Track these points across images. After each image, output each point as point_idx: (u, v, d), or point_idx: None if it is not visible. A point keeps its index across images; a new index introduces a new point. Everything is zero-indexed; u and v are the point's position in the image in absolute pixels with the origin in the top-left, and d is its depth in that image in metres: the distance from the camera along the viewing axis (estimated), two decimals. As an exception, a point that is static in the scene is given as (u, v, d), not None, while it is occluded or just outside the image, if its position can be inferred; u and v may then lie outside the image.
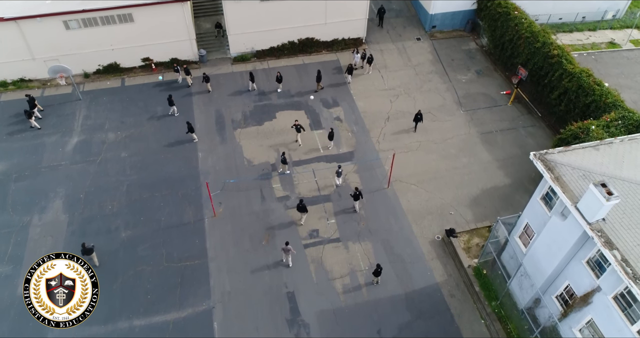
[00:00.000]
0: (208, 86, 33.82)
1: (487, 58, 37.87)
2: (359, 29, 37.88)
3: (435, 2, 37.88)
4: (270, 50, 37.08)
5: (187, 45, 35.30)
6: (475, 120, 32.76)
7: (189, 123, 29.81)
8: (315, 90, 34.06)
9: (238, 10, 34.08)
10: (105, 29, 32.90)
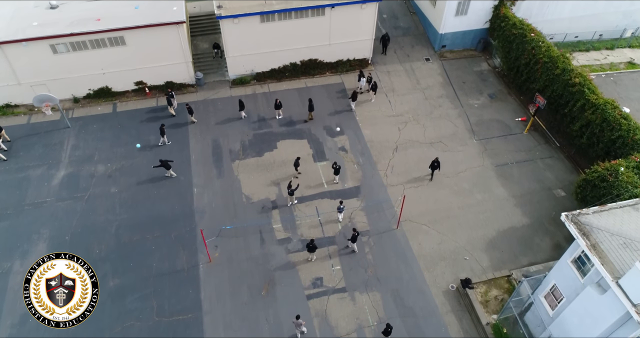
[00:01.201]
0: (191, 118, 31.51)
1: (500, 80, 35.78)
2: (365, 50, 35.83)
3: (446, 21, 35.80)
4: (270, 72, 35.04)
5: (182, 68, 33.28)
6: (490, 151, 30.68)
7: (162, 161, 27.61)
8: (305, 120, 31.97)
9: (237, 32, 32.06)
10: (96, 52, 30.91)
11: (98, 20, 30.18)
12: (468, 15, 35.70)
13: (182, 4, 31.68)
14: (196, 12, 38.48)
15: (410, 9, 40.72)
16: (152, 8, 31.23)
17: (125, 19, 30.30)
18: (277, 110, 32.18)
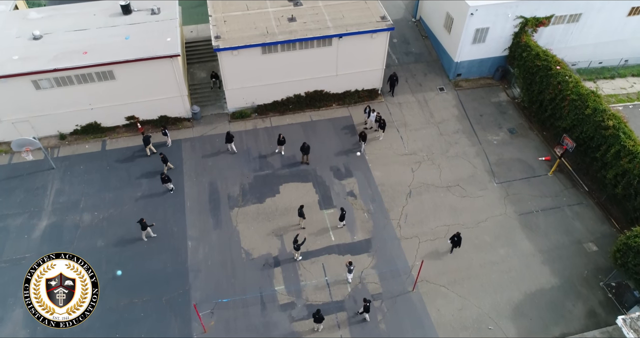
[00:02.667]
0: (167, 166, 28.62)
1: (520, 113, 33.13)
2: (374, 80, 33.21)
3: (462, 49, 33.15)
4: (273, 104, 32.45)
5: (177, 101, 30.71)
6: (512, 196, 28.06)
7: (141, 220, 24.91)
8: (301, 162, 29.38)
9: (236, 64, 29.49)
10: (82, 87, 28.37)
11: (85, 54, 27.66)
12: (486, 42, 33.07)
13: (176, 34, 29.10)
14: (193, 37, 35.92)
15: (423, 33, 38.09)
16: (144, 39, 28.67)
17: (114, 52, 27.76)
18: (279, 146, 29.65)
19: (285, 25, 29.81)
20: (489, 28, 32.15)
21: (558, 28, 33.33)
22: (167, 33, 29.11)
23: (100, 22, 30.00)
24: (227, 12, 30.82)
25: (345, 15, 30.56)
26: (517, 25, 32.41)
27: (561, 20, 32.89)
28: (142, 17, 30.35)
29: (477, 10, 30.86)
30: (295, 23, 29.97)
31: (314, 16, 30.50)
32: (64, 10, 31.37)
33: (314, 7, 31.27)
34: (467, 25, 31.59)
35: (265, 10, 31.05)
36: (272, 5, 31.44)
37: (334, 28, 29.62)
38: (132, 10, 30.75)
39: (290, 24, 29.91)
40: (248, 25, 29.80)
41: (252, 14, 30.73)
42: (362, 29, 29.63)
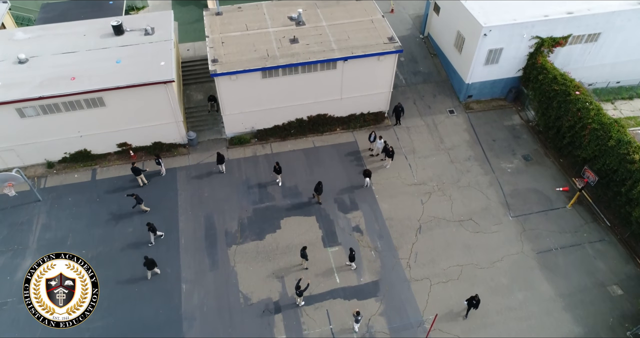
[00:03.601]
0: (142, 207, 26.36)
1: (535, 138, 31.28)
2: (381, 103, 31.41)
3: (474, 71, 31.33)
4: (273, 129, 30.66)
5: (172, 128, 28.93)
6: (529, 232, 26.25)
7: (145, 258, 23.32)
8: (315, 199, 27.33)
9: (235, 89, 27.73)
10: (71, 114, 26.61)
11: (72, 80, 25.90)
12: (499, 63, 31.24)
13: (171, 57, 27.32)
14: (190, 56, 34.19)
15: (431, 51, 36.26)
16: (136, 63, 26.90)
17: (104, 77, 26.00)
18: (277, 175, 27.87)
19: (286, 47, 28.02)
20: (503, 48, 30.33)
21: (575, 48, 31.50)
22: (161, 56, 27.33)
23: (91, 43, 28.24)
24: (225, 33, 29.05)
25: (351, 36, 28.77)
26: (532, 45, 30.59)
27: (579, 39, 31.05)
28: (135, 38, 28.58)
29: (490, 30, 29.05)
30: (297, 45, 28.18)
31: (318, 37, 28.71)
32: (53, 30, 29.58)
33: (317, 27, 29.49)
34: (479, 46, 29.78)
35: (266, 30, 29.28)
36: (273, 25, 29.67)
37: (339, 50, 27.83)
38: (125, 31, 29.00)
39: (292, 46, 28.12)
40: (247, 47, 28.03)
41: (252, 34, 28.96)
42: (369, 52, 27.83)
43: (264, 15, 30.52)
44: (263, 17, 30.36)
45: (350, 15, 30.36)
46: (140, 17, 30.72)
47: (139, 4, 38.55)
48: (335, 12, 30.77)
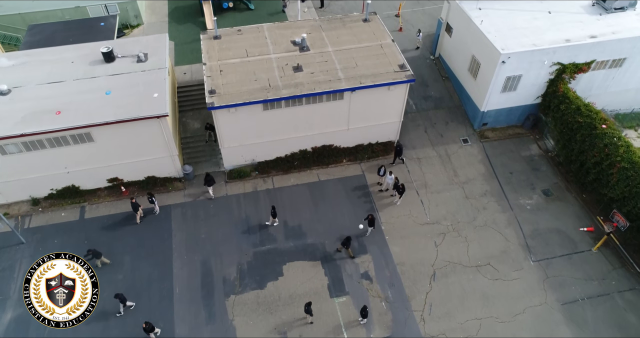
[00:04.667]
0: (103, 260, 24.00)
1: (555, 170, 29.22)
2: (390, 133, 29.39)
3: (490, 99, 29.27)
4: (275, 161, 28.64)
5: (167, 162, 26.92)
6: (552, 279, 24.22)
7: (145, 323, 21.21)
8: (351, 256, 25.00)
9: (234, 121, 25.72)
10: (56, 150, 24.62)
11: (58, 114, 23.90)
12: (517, 90, 29.19)
13: (165, 88, 25.29)
14: (186, 80, 32.18)
15: (443, 74, 34.20)
16: (127, 94, 24.88)
17: (92, 112, 23.99)
18: (272, 219, 25.82)
19: (290, 76, 25.99)
20: (522, 75, 28.28)
21: (598, 74, 29.45)
22: (155, 86, 25.31)
23: (79, 72, 26.24)
24: (224, 59, 27.01)
25: (359, 63, 26.73)
26: (553, 72, 28.54)
27: (603, 65, 29.00)
28: (127, 66, 26.57)
29: (509, 57, 27.00)
30: (301, 73, 26.15)
31: (323, 64, 26.68)
32: (40, 56, 27.55)
33: (322, 53, 27.46)
34: (497, 73, 27.73)
35: (268, 56, 27.25)
36: (276, 50, 27.64)
37: (346, 80, 25.79)
38: (115, 57, 26.98)
39: (295, 75, 26.09)
40: (247, 75, 26.01)
41: (252, 61, 26.92)
42: (378, 81, 25.79)
43: (266, 39, 28.50)
44: (264, 41, 28.34)
45: (357, 39, 28.33)
46: (132, 41, 28.67)
47: (134, 21, 36.53)
48: (341, 35, 28.74)
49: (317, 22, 30.02)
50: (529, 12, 30.55)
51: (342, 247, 24.51)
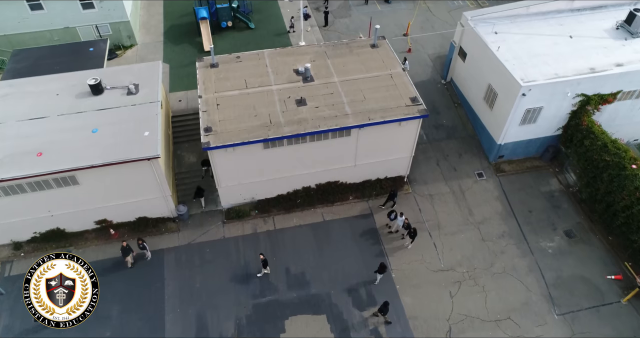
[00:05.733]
0: None
1: (577, 207, 27.18)
2: (400, 167, 27.36)
3: (508, 131, 27.21)
4: (277, 199, 26.62)
5: (159, 202, 24.92)
6: (579, 337, 22.19)
7: None
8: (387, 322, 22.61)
9: (232, 161, 23.70)
10: (38, 194, 22.60)
11: (39, 155, 21.89)
12: (537, 122, 27.15)
13: (156, 125, 23.27)
14: (181, 108, 30.18)
15: (455, 100, 32.13)
16: (115, 132, 22.86)
17: (76, 153, 21.95)
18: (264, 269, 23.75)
19: (292, 111, 23.96)
20: (543, 107, 26.23)
21: (624, 104, 27.40)
22: (146, 123, 23.29)
23: (64, 105, 24.22)
24: (221, 91, 24.97)
25: (367, 96, 24.69)
26: (576, 103, 26.49)
27: (629, 95, 26.95)
28: (116, 99, 24.55)
29: (530, 90, 24.94)
30: (305, 108, 24.11)
31: (328, 97, 24.64)
32: (23, 86, 25.50)
33: (327, 83, 25.42)
34: (516, 106, 25.67)
35: (269, 87, 25.21)
36: (277, 80, 25.61)
37: (353, 115, 23.75)
38: (104, 89, 24.97)
39: (299, 109, 24.05)
40: (247, 110, 23.98)
41: (252, 93, 24.88)
42: (389, 117, 23.74)
43: (266, 67, 26.45)
44: (265, 70, 26.29)
45: (365, 68, 26.28)
46: (123, 70, 26.63)
47: (127, 42, 34.49)
48: (348, 63, 26.69)
49: (322, 47, 27.96)
50: (548, 36, 28.52)
51: (379, 313, 22.30)
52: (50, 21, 32.12)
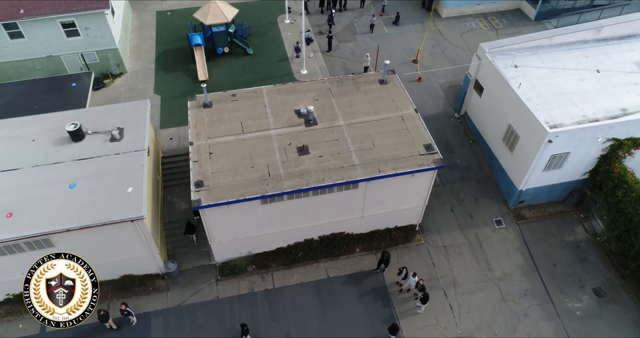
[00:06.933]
0: None
1: (606, 260, 24.75)
2: (411, 216, 24.95)
3: (531, 177, 24.76)
4: (276, 253, 24.21)
5: (146, 260, 22.52)
6: None
7: None
8: None
9: (226, 218, 21.28)
10: (10, 257, 20.22)
11: (9, 216, 19.51)
12: (562, 168, 24.70)
13: (142, 178, 20.87)
14: (173, 148, 27.80)
15: (470, 136, 29.66)
16: (95, 188, 20.44)
17: (51, 213, 19.58)
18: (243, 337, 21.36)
19: (294, 161, 21.52)
20: (570, 153, 23.78)
21: (658, 145, 24.94)
22: (130, 177, 20.88)
23: (40, 154, 21.82)
24: (215, 136, 22.55)
25: (376, 143, 22.25)
26: (606, 148, 24.05)
27: (664, 138, 24.51)
28: (97, 146, 22.16)
29: (557, 136, 22.49)
30: (307, 157, 21.69)
31: (334, 144, 22.22)
32: (-5, 129, 23.19)
33: (332, 128, 23.00)
34: (541, 152, 23.21)
35: (267, 132, 22.77)
36: (277, 123, 23.19)
37: (361, 167, 21.31)
38: (85, 134, 22.58)
39: (301, 159, 21.62)
40: (243, 160, 21.55)
41: (249, 139, 22.45)
42: (401, 169, 21.30)
43: (265, 107, 24.04)
44: (263, 110, 23.88)
45: (374, 109, 23.85)
46: (107, 110, 24.14)
47: (115, 70, 32.06)
48: (355, 102, 24.26)
49: (326, 83, 25.53)
50: (574, 70, 26.13)
51: None
52: (32, 50, 29.73)
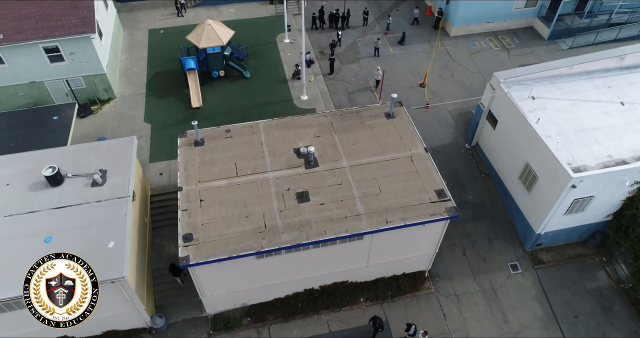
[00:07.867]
0: None
1: (631, 311, 22.79)
2: (421, 263, 23.00)
3: (550, 221, 22.79)
4: (273, 304, 22.26)
5: (131, 316, 20.58)
6: None
7: None
8: None
9: (217, 273, 19.33)
10: (-22, 319, 18.36)
11: (-23, 277, 17.59)
12: (585, 211, 22.73)
13: (125, 230, 18.95)
14: (162, 184, 25.87)
15: (482, 169, 27.68)
16: (73, 242, 18.46)
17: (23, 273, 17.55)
18: None
19: (292, 209, 19.56)
20: (594, 197, 21.81)
21: (688, 184, 22.97)
22: (111, 229, 18.96)
23: (14, 202, 19.90)
24: (206, 180, 20.60)
25: (383, 188, 20.29)
26: (633, 191, 22.08)
27: (696, 179, 22.52)
28: (77, 193, 20.23)
29: (582, 181, 20.52)
30: (307, 205, 19.72)
31: (336, 189, 20.25)
32: (-33, 170, 21.25)
33: (335, 169, 21.03)
34: (563, 197, 21.24)
35: (264, 175, 20.81)
36: (274, 164, 21.22)
37: (367, 216, 19.36)
38: (65, 178, 20.64)
39: (300, 207, 19.66)
40: (237, 208, 19.59)
41: (244, 183, 20.49)
42: (410, 219, 19.34)
43: (262, 145, 22.09)
44: (260, 148, 21.93)
45: (380, 148, 21.88)
46: (89, 149, 22.14)
47: (104, 96, 30.11)
48: (359, 140, 22.29)
49: (328, 117, 23.57)
50: (596, 103, 24.16)
51: None
52: (14, 76, 27.82)
